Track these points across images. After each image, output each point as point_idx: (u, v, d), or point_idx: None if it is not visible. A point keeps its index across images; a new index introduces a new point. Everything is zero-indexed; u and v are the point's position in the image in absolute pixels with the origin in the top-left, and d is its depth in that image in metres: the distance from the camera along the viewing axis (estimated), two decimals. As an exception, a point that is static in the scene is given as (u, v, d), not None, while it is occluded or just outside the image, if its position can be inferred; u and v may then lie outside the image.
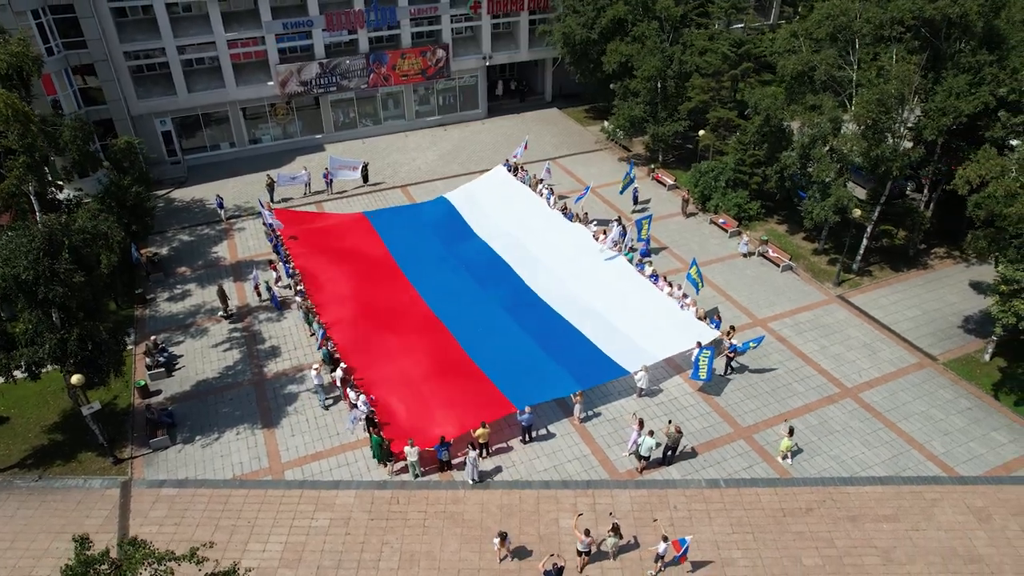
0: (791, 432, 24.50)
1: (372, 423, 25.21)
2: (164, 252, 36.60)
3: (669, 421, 25.14)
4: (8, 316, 23.50)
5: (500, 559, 21.65)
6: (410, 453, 23.79)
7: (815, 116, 31.86)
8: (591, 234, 35.40)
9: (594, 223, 36.78)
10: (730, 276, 34.66)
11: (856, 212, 31.81)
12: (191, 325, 31.62)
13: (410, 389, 26.75)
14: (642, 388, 27.43)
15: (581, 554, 21.11)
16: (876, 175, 31.59)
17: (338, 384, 27.22)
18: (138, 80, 42.69)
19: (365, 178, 42.95)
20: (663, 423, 25.64)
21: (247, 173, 44.03)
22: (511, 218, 37.50)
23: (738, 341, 28.66)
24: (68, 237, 22.34)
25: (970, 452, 25.30)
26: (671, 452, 24.63)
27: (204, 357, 29.79)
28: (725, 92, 40.41)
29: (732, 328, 29.51)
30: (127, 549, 13.99)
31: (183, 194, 42.23)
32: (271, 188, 40.85)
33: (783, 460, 24.75)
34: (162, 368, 28.68)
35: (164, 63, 42.49)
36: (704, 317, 29.98)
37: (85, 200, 31.96)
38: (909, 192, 39.48)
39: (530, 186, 39.63)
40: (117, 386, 27.35)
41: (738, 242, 36.69)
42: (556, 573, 20.07)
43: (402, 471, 24.53)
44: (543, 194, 38.83)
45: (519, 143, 44.65)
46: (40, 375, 24.08)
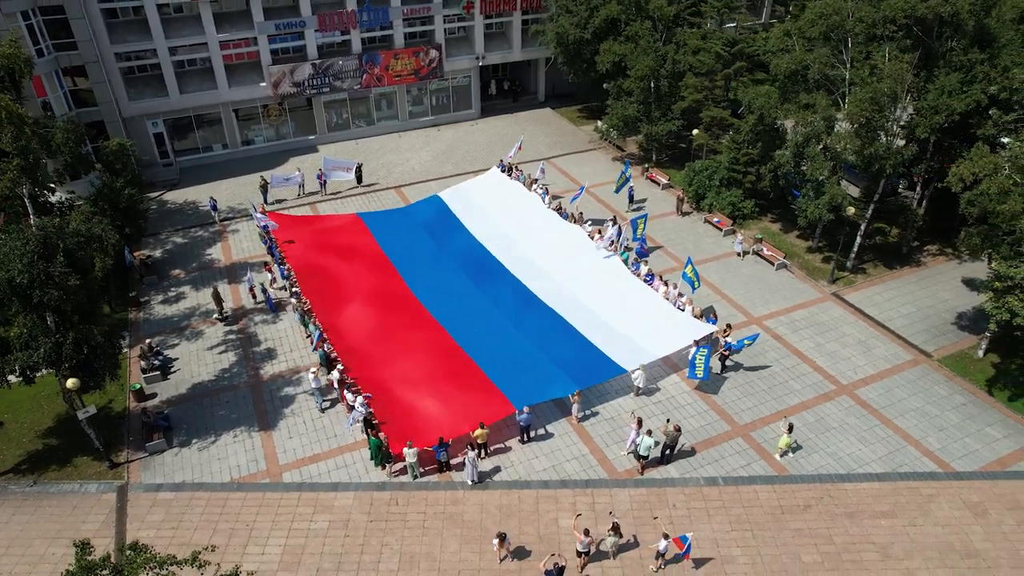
0: (790, 429, 24.61)
1: (370, 425, 25.17)
2: (157, 254, 36.38)
3: (667, 420, 25.22)
4: (2, 320, 23.30)
5: (500, 559, 21.64)
6: (409, 454, 23.74)
7: (809, 115, 32.02)
8: (587, 234, 35.46)
9: (589, 223, 36.82)
10: (725, 275, 34.78)
11: (850, 210, 31.97)
12: (186, 328, 31.45)
13: (408, 390, 26.70)
14: (639, 387, 27.48)
15: (581, 554, 21.12)
16: (869, 173, 31.77)
17: (335, 386, 27.13)
18: (129, 81, 42.43)
19: (359, 179, 42.84)
20: (661, 422, 25.71)
21: (240, 175, 43.83)
22: (507, 218, 37.51)
23: (733, 339, 28.77)
24: (63, 240, 22.17)
25: (965, 448, 25.49)
26: (670, 451, 24.69)
27: (200, 360, 29.64)
28: (718, 91, 40.53)
29: (728, 326, 29.61)
30: (128, 554, 13.89)
31: (176, 196, 42.00)
32: (264, 189, 40.71)
33: (781, 457, 24.86)
34: (157, 371, 28.51)
35: (156, 64, 42.22)
36: (700, 316, 30.08)
37: (77, 202, 31.70)
38: (901, 190, 39.75)
39: (525, 186, 39.64)
40: (112, 390, 27.17)
41: (733, 241, 36.81)
42: (557, 573, 20.08)
43: (401, 472, 24.48)
44: (538, 194, 38.85)
45: (513, 143, 44.72)
46: (35, 379, 23.88)
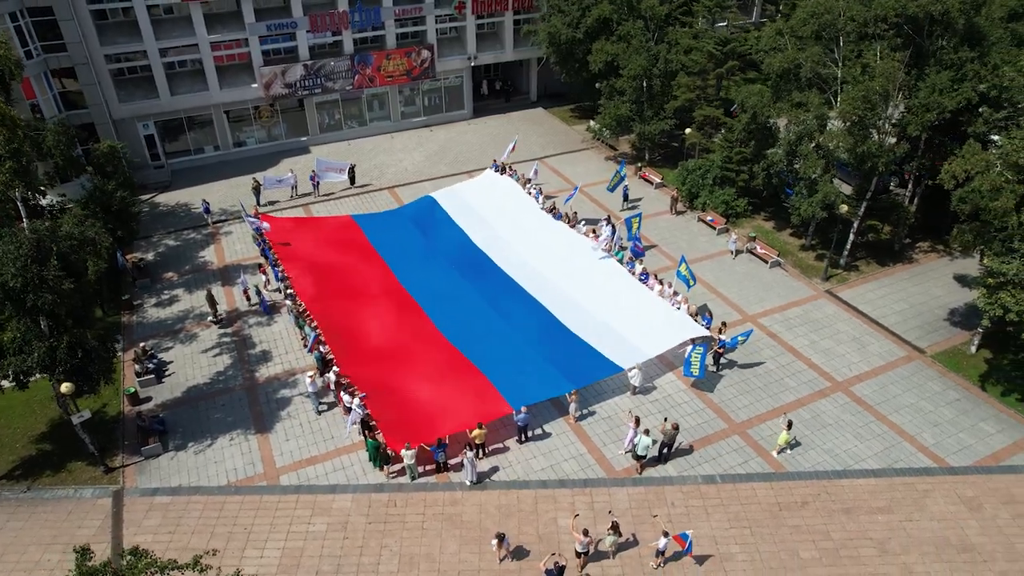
0: (789, 425, 24.72)
1: (367, 426, 25.10)
2: (150, 257, 36.14)
3: (665, 419, 25.27)
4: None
5: (500, 560, 21.62)
6: (407, 455, 23.69)
7: (801, 113, 32.19)
8: (581, 233, 35.49)
9: (583, 222, 36.86)
10: (719, 273, 34.90)
11: (843, 208, 32.17)
12: (180, 331, 31.26)
13: (405, 391, 26.62)
14: (636, 386, 27.53)
15: (580, 555, 21.12)
16: (862, 171, 31.95)
17: (332, 387, 27.04)
18: (119, 83, 42.12)
19: (352, 180, 42.73)
20: (657, 420, 25.77)
21: (232, 176, 43.62)
22: (501, 219, 37.48)
23: (727, 337, 28.86)
24: (56, 244, 21.97)
25: (960, 443, 25.68)
26: (667, 449, 24.74)
27: (194, 363, 29.46)
28: (711, 90, 40.67)
29: (724, 324, 29.71)
30: (129, 559, 13.78)
31: (168, 198, 41.74)
32: (257, 191, 40.52)
33: (779, 454, 24.95)
34: (152, 375, 28.31)
35: (146, 66, 41.94)
36: (696, 314, 30.18)
37: (68, 205, 31.45)
38: (893, 188, 40.01)
39: (519, 185, 39.62)
40: (106, 394, 26.94)
41: (727, 239, 36.94)
42: (557, 572, 20.09)
43: (399, 474, 24.42)
44: (532, 194, 38.86)
45: (505, 143, 44.69)
46: (28, 384, 23.65)
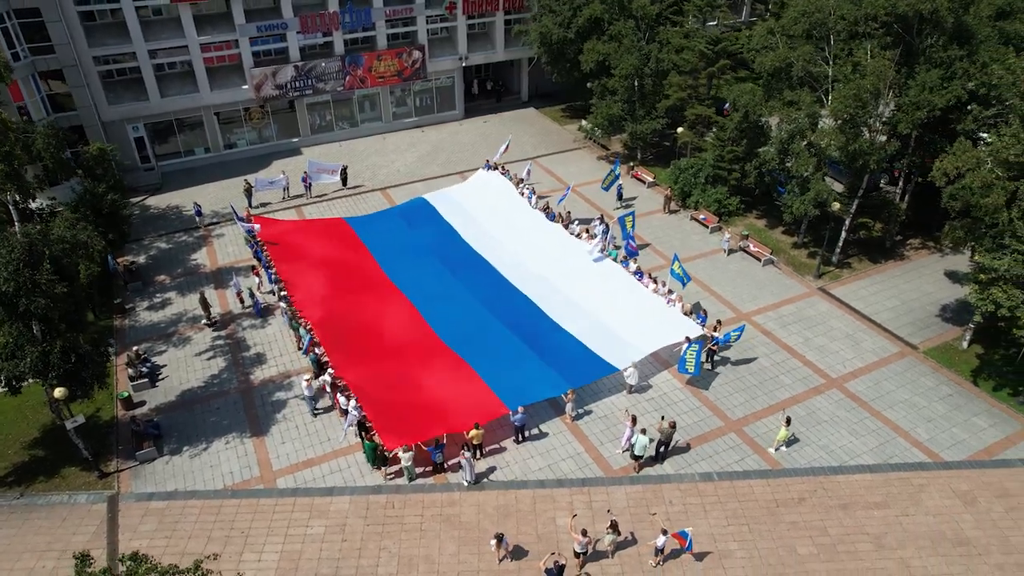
0: (788, 422, 24.82)
1: (364, 428, 25.02)
2: (142, 260, 35.85)
3: (662, 417, 25.32)
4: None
5: (499, 560, 21.60)
6: (404, 457, 23.64)
7: (793, 112, 32.37)
8: (575, 233, 35.53)
9: (577, 222, 36.90)
10: (713, 271, 35.03)
11: (835, 205, 32.37)
12: (173, 334, 31.04)
13: (402, 392, 26.54)
14: (632, 385, 27.59)
15: (578, 555, 21.13)
16: (853, 169, 32.16)
17: (327, 389, 26.93)
18: (108, 85, 41.79)
19: (344, 181, 42.57)
20: (654, 419, 25.83)
21: (223, 178, 43.37)
22: (495, 219, 37.46)
23: (720, 334, 28.96)
24: (48, 247, 21.78)
25: (953, 437, 25.89)
26: (664, 447, 24.80)
27: (188, 366, 29.27)
28: (702, 89, 40.82)
29: (718, 322, 29.82)
30: (129, 564, 13.66)
31: (158, 201, 41.45)
32: (249, 193, 40.30)
33: (777, 451, 25.05)
34: (145, 379, 28.10)
35: (135, 68, 41.61)
36: (690, 312, 30.27)
37: (58, 208, 31.19)
38: (883, 185, 40.30)
39: (512, 185, 39.63)
40: (100, 398, 26.74)
41: (720, 238, 37.07)
42: (557, 572, 20.10)
43: (397, 475, 24.36)
44: (524, 194, 38.88)
45: (498, 143, 44.76)
46: (21, 389, 23.44)
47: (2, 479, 24.57)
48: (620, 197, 40.72)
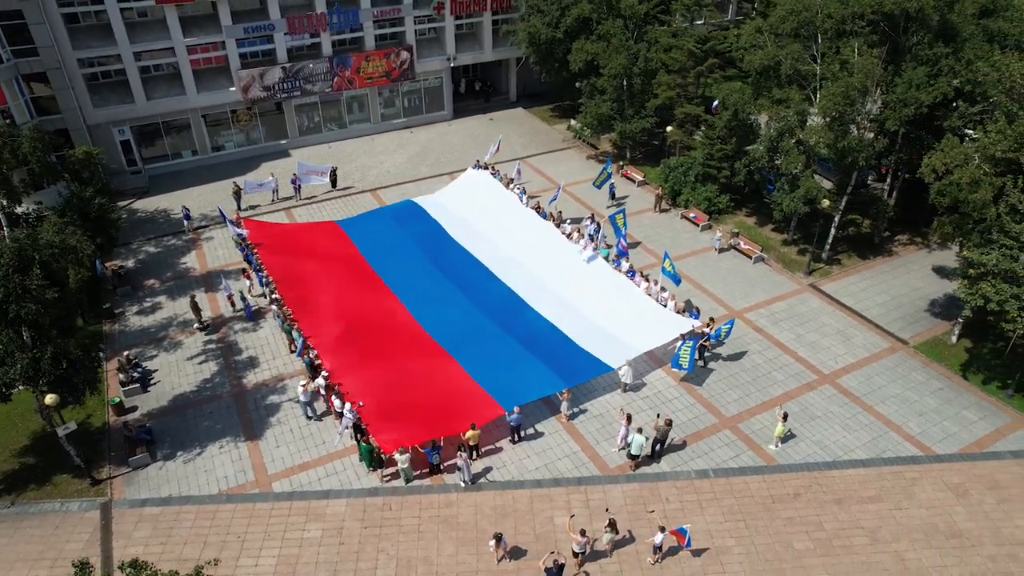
0: (785, 417, 24.98)
1: (359, 430, 24.93)
2: (130, 264, 35.52)
3: (658, 415, 25.39)
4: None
5: (498, 560, 21.59)
6: (401, 459, 23.56)
7: (782, 109, 32.59)
8: (566, 233, 35.57)
9: (568, 221, 36.95)
10: (704, 269, 35.20)
11: (825, 203, 32.62)
12: (164, 338, 30.77)
13: (397, 395, 26.44)
14: (627, 383, 27.66)
15: (577, 555, 21.15)
16: (842, 166, 32.43)
17: (322, 392, 26.80)
18: (93, 88, 41.34)
19: (334, 183, 42.39)
20: (649, 417, 25.92)
21: (211, 181, 43.05)
22: (486, 219, 37.43)
23: (711, 330, 29.10)
24: (38, 252, 21.51)
25: (944, 431, 26.18)
26: (660, 445, 24.89)
27: (180, 370, 29.02)
28: (691, 88, 41.00)
29: (711, 320, 29.96)
30: (129, 572, 13.52)
31: (146, 204, 41.07)
32: (238, 196, 40.01)
33: (775, 447, 25.18)
34: (137, 384, 27.84)
35: (120, 70, 41.16)
36: (683, 311, 30.40)
37: (45, 213, 30.81)
38: (871, 182, 40.65)
39: (502, 184, 39.60)
40: (91, 404, 26.41)
41: (711, 237, 37.25)
42: (557, 571, 20.12)
43: (393, 477, 24.28)
44: (515, 194, 38.84)
45: (487, 143, 44.76)
46: (10, 396, 23.11)
47: (-8, 488, 24.30)
48: (613, 196, 40.82)
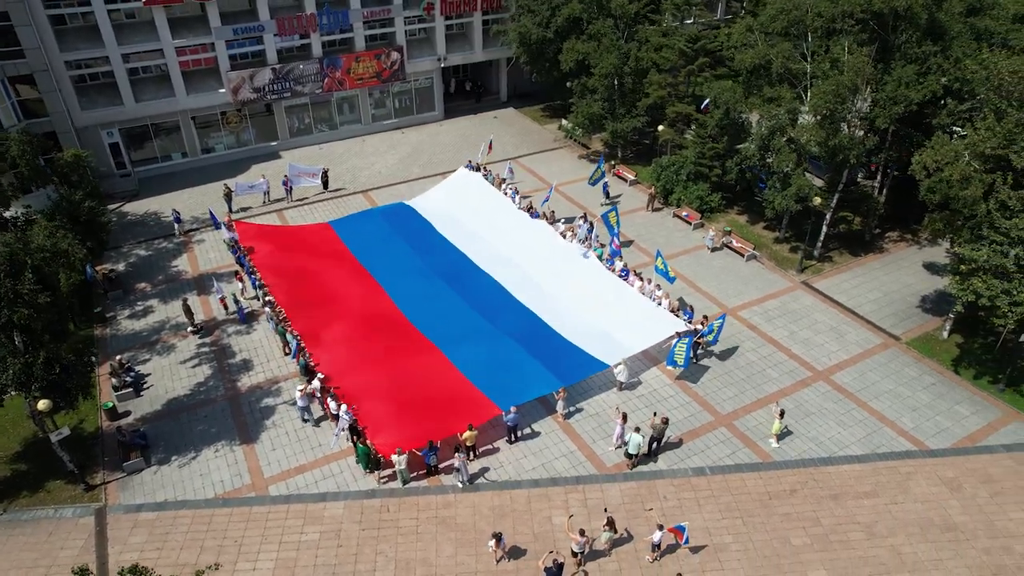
0: (782, 414, 25.11)
1: (356, 432, 24.83)
2: (121, 268, 35.22)
3: (655, 413, 25.44)
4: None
5: (497, 560, 21.57)
6: (398, 461, 23.49)
7: (773, 108, 32.77)
8: (560, 232, 35.59)
9: (562, 221, 36.97)
10: (697, 268, 35.31)
11: (816, 200, 32.81)
12: (156, 342, 30.53)
13: (392, 396, 26.36)
14: (622, 381, 27.71)
15: (576, 554, 21.17)
16: (834, 164, 32.64)
17: (317, 395, 26.67)
18: (81, 90, 40.95)
19: (325, 184, 42.22)
20: (644, 415, 25.97)
21: (202, 183, 42.78)
22: (478, 220, 37.39)
23: (704, 327, 29.20)
24: (30, 256, 21.30)
25: (937, 426, 26.39)
26: (656, 443, 24.95)
27: (173, 374, 28.81)
28: (682, 87, 41.14)
29: (705, 317, 30.05)
30: (129, 577, 13.42)
31: (136, 207, 40.73)
32: (229, 198, 39.77)
33: (776, 444, 25.28)
34: (130, 388, 27.60)
35: (108, 72, 40.80)
36: (677, 309, 30.49)
37: (34, 217, 30.46)
38: (860, 179, 40.94)
39: (493, 186, 39.56)
40: (83, 409, 26.21)
41: (703, 235, 37.38)
42: (556, 570, 20.12)
43: (390, 479, 24.21)
44: (507, 194, 38.85)
45: (478, 143, 44.68)
46: (2, 402, 22.88)
47: (-16, 495, 24.03)
48: (607, 195, 40.89)
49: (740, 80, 36.14)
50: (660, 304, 30.46)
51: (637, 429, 24.20)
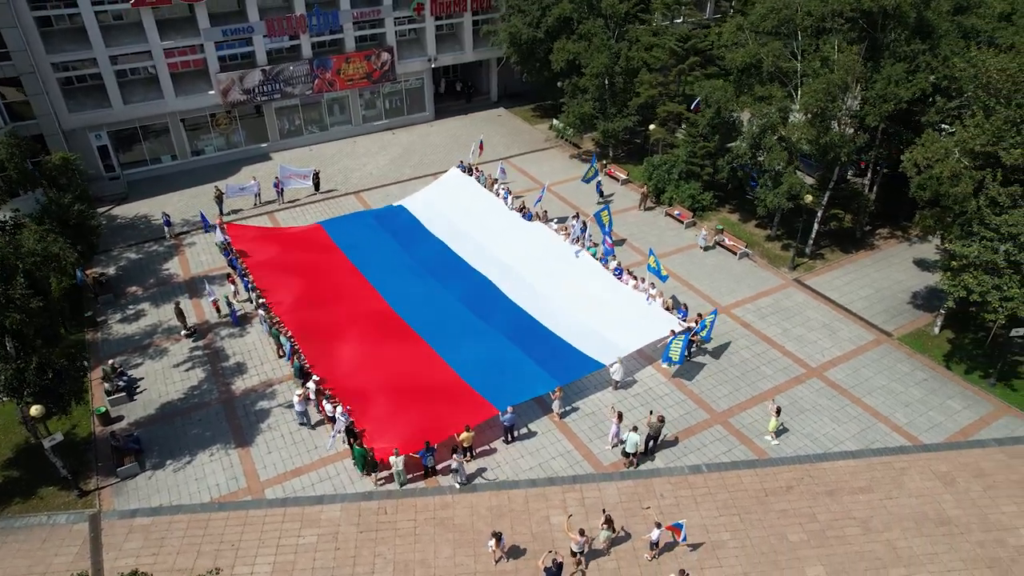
0: (778, 411, 25.23)
1: (352, 434, 24.75)
2: (111, 272, 34.91)
3: (651, 412, 25.48)
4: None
5: (496, 560, 21.56)
6: (395, 462, 23.44)
7: (764, 106, 32.93)
8: (552, 232, 35.60)
9: (554, 221, 37.00)
10: (690, 266, 35.44)
11: (808, 198, 33.00)
12: (149, 346, 30.30)
13: (389, 397, 26.30)
14: (617, 380, 27.76)
15: (576, 554, 21.19)
16: (825, 161, 32.85)
17: (312, 397, 26.55)
18: (69, 93, 40.55)
19: (316, 186, 42.03)
20: (640, 414, 26.03)
21: (191, 186, 42.50)
22: (471, 220, 37.35)
23: (696, 324, 29.32)
24: (21, 261, 21.08)
25: (930, 421, 26.61)
26: (653, 442, 25.01)
27: (167, 378, 28.60)
28: (673, 86, 41.27)
29: (699, 316, 30.14)
30: (129, 583, 13.30)
31: (125, 210, 40.41)
32: (220, 200, 39.52)
33: (775, 442, 25.39)
34: (123, 392, 27.38)
35: (96, 74, 40.50)
36: (671, 308, 30.58)
37: (22, 220, 30.13)
38: (851, 177, 41.21)
39: (486, 187, 39.56)
40: (76, 415, 26.00)
41: (695, 233, 37.52)
42: (556, 569, 20.13)
43: (387, 480, 24.14)
44: (500, 194, 38.82)
45: (469, 144, 44.64)
46: (-6, 408, 22.69)
47: (-24, 502, 23.75)
48: (601, 195, 40.95)
49: (731, 79, 36.28)
50: (654, 302, 30.51)
51: (635, 428, 24.24)
